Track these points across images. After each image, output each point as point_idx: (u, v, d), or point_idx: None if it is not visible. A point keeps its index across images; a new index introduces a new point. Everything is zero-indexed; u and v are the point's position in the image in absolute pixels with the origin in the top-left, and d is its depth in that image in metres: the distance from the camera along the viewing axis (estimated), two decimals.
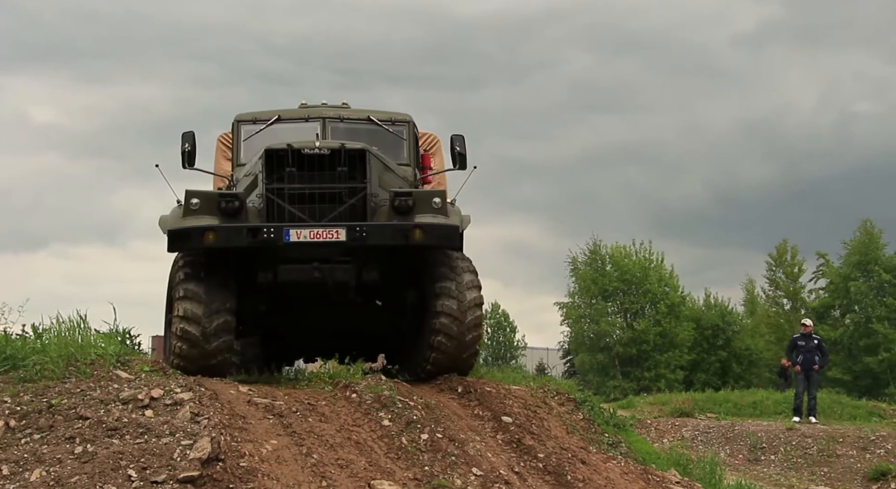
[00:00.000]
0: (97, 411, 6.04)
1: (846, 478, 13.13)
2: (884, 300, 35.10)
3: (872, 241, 37.05)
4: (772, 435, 15.20)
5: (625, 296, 39.01)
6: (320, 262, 7.21)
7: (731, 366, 38.51)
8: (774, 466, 14.02)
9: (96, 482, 5.29)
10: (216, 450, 5.64)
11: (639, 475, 7.32)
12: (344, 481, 5.82)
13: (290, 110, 8.71)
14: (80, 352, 6.94)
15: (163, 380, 6.56)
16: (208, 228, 6.98)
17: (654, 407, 20.48)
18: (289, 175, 7.22)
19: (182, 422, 5.96)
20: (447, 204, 7.50)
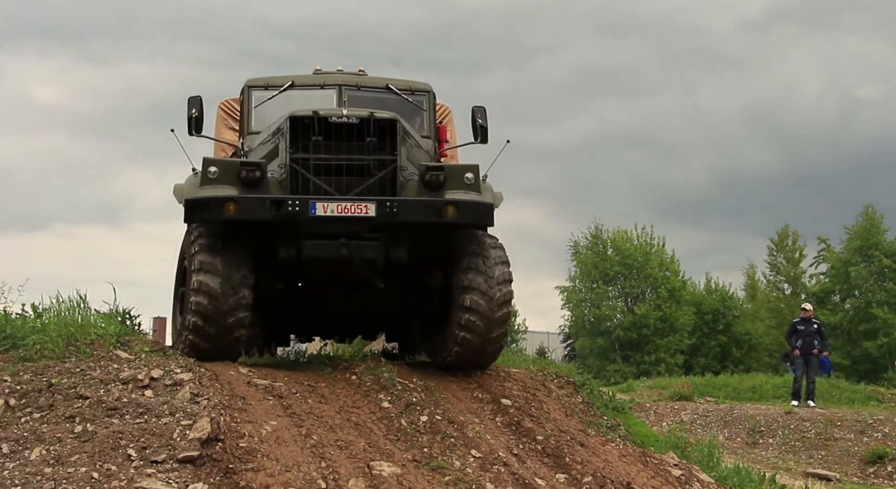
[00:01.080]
0: (97, 391, 6.06)
1: (843, 461, 13.16)
2: (884, 285, 35.14)
3: (874, 226, 37.07)
4: (770, 418, 15.24)
5: (626, 280, 39.09)
6: (348, 238, 6.86)
7: (730, 351, 38.60)
8: (772, 450, 14.07)
9: (96, 461, 5.31)
10: (216, 431, 5.66)
11: (637, 457, 7.32)
12: (343, 462, 5.83)
13: (305, 76, 8.23)
14: (80, 332, 6.94)
15: (163, 361, 6.57)
16: (229, 199, 6.59)
17: (653, 391, 20.53)
18: (314, 144, 6.85)
19: (182, 402, 5.98)
20: (480, 180, 7.16)
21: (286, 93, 7.93)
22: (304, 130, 6.86)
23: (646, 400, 18.47)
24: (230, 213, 6.57)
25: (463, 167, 7.17)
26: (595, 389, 9.76)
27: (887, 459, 12.85)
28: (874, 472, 12.65)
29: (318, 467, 5.65)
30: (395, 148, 6.97)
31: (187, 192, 6.89)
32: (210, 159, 6.93)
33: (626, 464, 7.11)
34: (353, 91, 7.96)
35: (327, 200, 6.69)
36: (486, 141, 8.15)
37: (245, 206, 6.59)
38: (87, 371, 6.34)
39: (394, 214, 6.71)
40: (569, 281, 40.37)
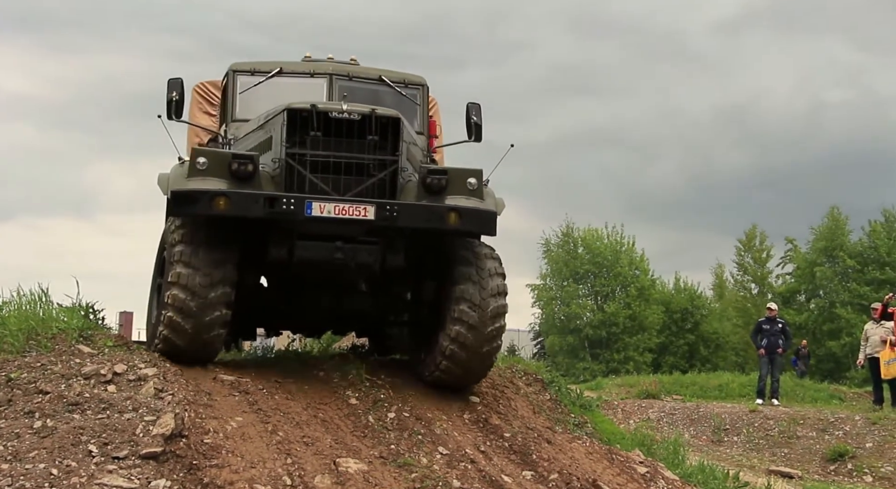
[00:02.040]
0: (58, 386, 5.95)
1: (805, 458, 13.28)
2: (848, 285, 35.68)
3: (838, 227, 37.65)
4: (735, 417, 15.38)
5: (596, 278, 39.36)
6: (343, 241, 6.46)
7: (698, 350, 39.03)
8: (737, 447, 14.18)
9: (55, 457, 5.20)
10: (180, 427, 5.59)
11: (603, 455, 7.35)
12: (309, 458, 5.78)
13: (293, 63, 7.74)
14: (42, 326, 6.83)
15: (126, 356, 6.47)
16: (220, 193, 6.15)
17: (621, 388, 20.69)
18: (312, 140, 6.40)
19: (145, 397, 5.89)
20: (482, 185, 6.78)
21: (273, 80, 7.53)
22: (301, 124, 6.44)
23: (614, 398, 18.59)
24: (220, 208, 6.16)
25: (466, 171, 6.76)
26: (563, 387, 9.79)
27: (847, 457, 12.98)
28: (835, 470, 12.77)
29: (283, 463, 5.61)
30: (397, 148, 6.58)
31: (174, 183, 6.43)
32: (199, 149, 6.56)
33: (593, 462, 7.13)
34: (344, 81, 7.57)
35: (324, 200, 6.28)
36: (480, 139, 7.83)
37: (236, 201, 6.18)
38: (47, 366, 6.22)
39: (393, 219, 6.34)
40: (540, 279, 40.60)
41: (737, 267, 42.40)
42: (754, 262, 41.79)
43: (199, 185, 6.25)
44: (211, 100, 8.61)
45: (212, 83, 8.78)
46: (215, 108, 8.59)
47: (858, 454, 12.98)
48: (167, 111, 7.21)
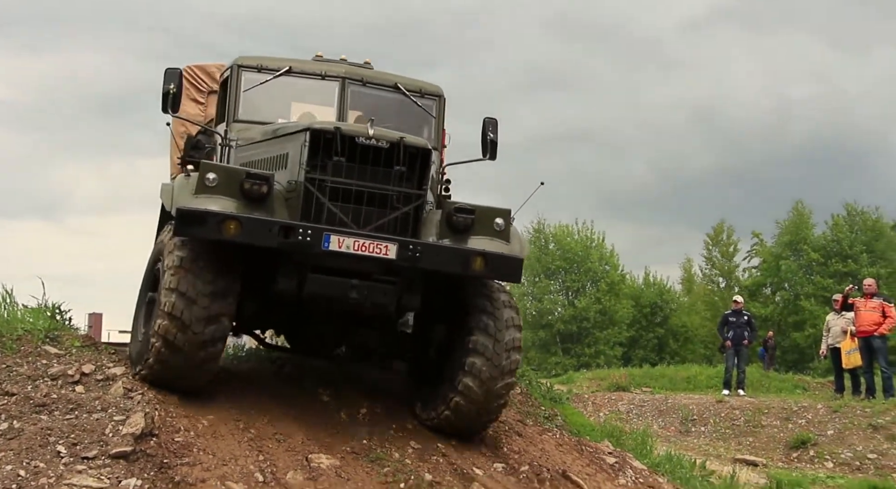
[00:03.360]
0: (24, 387, 5.89)
1: (770, 446, 13.46)
2: (812, 278, 36.15)
3: (803, 221, 38.14)
4: (702, 407, 15.55)
5: (567, 274, 39.58)
6: (359, 278, 5.84)
7: (667, 343, 39.42)
8: (704, 437, 14.34)
9: (23, 458, 5.14)
10: (150, 426, 5.55)
11: (573, 446, 7.41)
12: (281, 455, 5.77)
13: (304, 61, 7.06)
14: (6, 328, 6.74)
15: (94, 356, 6.41)
16: (231, 217, 5.49)
17: (592, 382, 20.82)
18: (334, 165, 5.79)
19: (114, 397, 5.84)
20: (510, 226, 6.25)
21: (281, 79, 6.91)
22: (324, 147, 5.84)
23: (584, 391, 18.72)
24: (230, 233, 5.49)
25: (493, 211, 6.23)
26: (533, 380, 9.85)
27: (810, 444, 13.16)
28: (797, 457, 12.95)
29: (255, 460, 5.59)
30: (424, 181, 6.03)
31: (180, 200, 5.73)
32: (210, 164, 5.88)
33: (563, 453, 7.19)
34: (357, 86, 6.94)
35: (344, 234, 5.68)
36: (494, 157, 7.26)
37: (249, 228, 5.51)
38: (13, 367, 6.15)
39: (416, 259, 5.76)
40: None
41: (705, 261, 42.88)
42: (722, 257, 42.25)
43: (207, 203, 5.62)
44: (199, 85, 8.12)
45: (200, 67, 8.28)
46: (203, 94, 8.18)
47: (820, 441, 13.16)
48: (163, 103, 6.63)
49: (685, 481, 7.62)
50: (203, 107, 8.09)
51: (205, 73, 8.24)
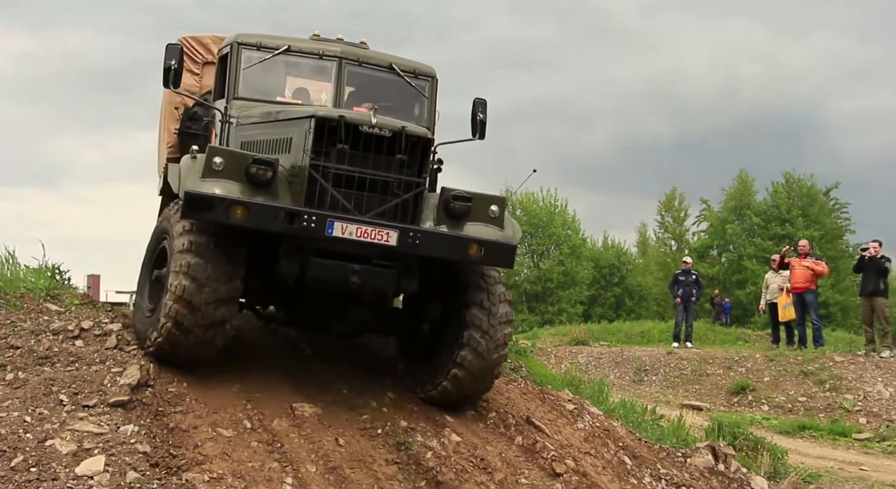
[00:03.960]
0: (28, 341, 5.86)
1: (713, 393, 13.73)
2: (753, 241, 36.61)
3: (746, 188, 38.51)
4: (654, 359, 15.79)
5: (532, 238, 39.67)
6: (360, 262, 5.66)
7: (624, 301, 39.84)
8: (655, 385, 14.59)
9: (28, 406, 5.14)
10: (145, 377, 5.55)
11: (536, 395, 7.50)
12: (268, 404, 5.79)
13: (302, 40, 6.77)
14: (10, 286, 6.68)
15: (92, 313, 6.38)
16: (238, 202, 5.30)
17: (555, 337, 21.05)
18: (338, 153, 5.59)
19: (111, 350, 5.83)
20: (504, 213, 6.10)
21: (279, 57, 6.66)
22: (328, 134, 5.63)
23: (548, 345, 18.93)
24: (237, 217, 5.30)
25: (489, 198, 6.07)
26: None
27: (748, 390, 13.45)
28: (737, 402, 13.24)
29: (243, 409, 5.61)
30: (424, 169, 5.84)
31: (188, 183, 5.49)
32: (217, 148, 5.62)
33: (527, 401, 7.28)
34: (353, 66, 6.71)
35: (346, 221, 5.50)
36: (483, 136, 7.08)
37: (255, 213, 5.33)
38: (17, 322, 6.11)
39: (416, 246, 5.60)
40: None
41: (658, 226, 43.28)
42: (673, 222, 42.62)
43: (214, 187, 5.39)
44: (194, 57, 7.73)
45: (195, 38, 7.92)
46: (199, 65, 7.83)
47: (758, 387, 13.44)
48: (164, 79, 6.35)
49: (637, 425, 7.75)
50: (198, 77, 7.77)
51: (200, 44, 7.88)
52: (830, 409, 12.25)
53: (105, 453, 4.83)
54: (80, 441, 4.89)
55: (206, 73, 7.75)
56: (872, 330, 14.01)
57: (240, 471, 4.98)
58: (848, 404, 12.27)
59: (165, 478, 4.79)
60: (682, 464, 6.74)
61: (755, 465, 7.43)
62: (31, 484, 4.51)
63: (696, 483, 6.40)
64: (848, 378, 12.82)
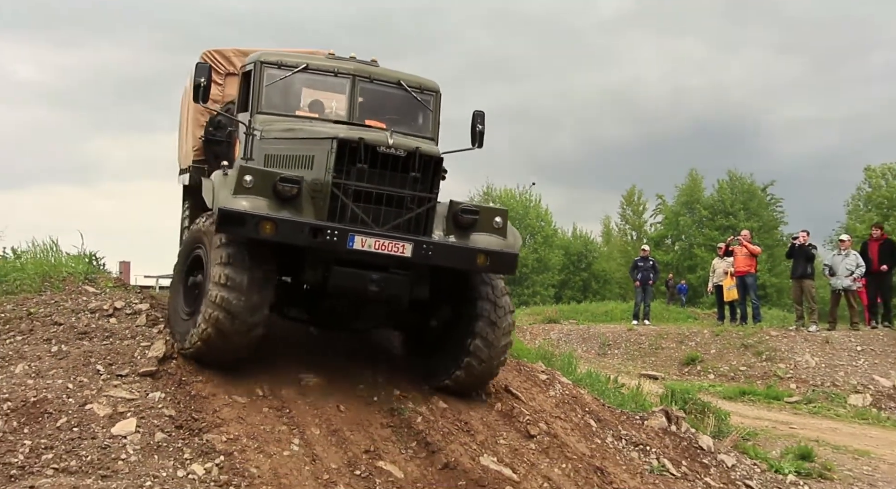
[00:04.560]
0: (69, 318, 5.85)
1: (667, 364, 13.81)
2: (703, 231, 36.72)
3: (696, 185, 38.61)
4: (616, 335, 15.85)
5: None
6: (377, 270, 5.53)
7: (590, 284, 39.92)
8: (617, 358, 14.66)
9: (70, 374, 5.16)
10: (170, 351, 5.55)
11: (513, 367, 7.51)
12: (278, 374, 5.79)
13: (319, 58, 6.64)
14: (54, 271, 6.66)
15: (124, 294, 6.37)
16: (267, 219, 5.17)
17: (530, 316, 21.07)
18: (358, 171, 5.43)
19: (141, 327, 5.82)
20: (507, 224, 5.98)
21: (298, 75, 6.49)
22: (349, 154, 5.45)
23: (523, 323, 18.94)
24: (266, 232, 5.17)
25: (493, 210, 5.99)
26: None
27: (697, 361, 13.53)
28: (688, 371, 13.31)
29: (256, 379, 5.61)
30: (436, 185, 5.67)
31: (221, 200, 5.35)
32: (247, 168, 5.44)
33: (505, 372, 7.26)
34: (365, 83, 6.54)
35: (365, 235, 5.36)
36: (482, 145, 6.92)
37: (283, 228, 5.21)
38: (60, 302, 6.11)
39: (428, 257, 5.48)
40: None
41: (620, 218, 43.34)
42: (633, 214, 42.69)
43: (244, 203, 5.25)
44: (218, 68, 7.55)
45: (218, 51, 7.73)
46: (222, 76, 7.62)
47: (705, 358, 13.51)
48: (194, 95, 6.19)
49: (601, 392, 7.79)
50: (221, 87, 7.61)
51: (223, 57, 7.69)
52: (766, 377, 12.35)
53: (136, 416, 4.85)
54: (115, 405, 4.91)
55: (229, 83, 7.66)
56: (802, 308, 14.14)
57: (253, 432, 5.01)
58: (781, 372, 12.38)
59: (188, 439, 4.81)
60: (639, 425, 6.80)
61: (702, 426, 7.49)
62: (73, 441, 4.54)
63: (651, 442, 6.45)
64: (781, 350, 12.92)
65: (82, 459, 4.42)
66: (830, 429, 9.42)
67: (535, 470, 5.38)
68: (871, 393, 11.43)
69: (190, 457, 4.65)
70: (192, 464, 4.59)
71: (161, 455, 4.61)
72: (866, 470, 7.34)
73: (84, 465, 4.38)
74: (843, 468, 7.22)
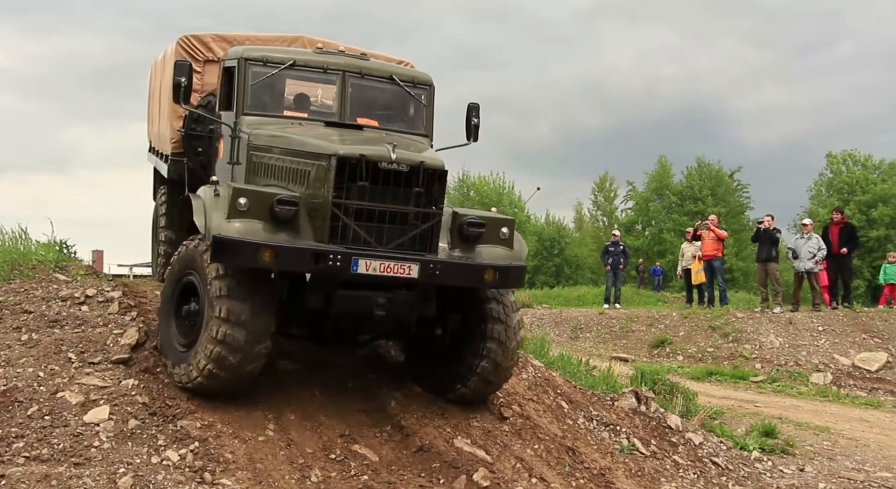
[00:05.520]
0: (39, 306, 5.73)
1: (638, 346, 13.95)
2: (672, 216, 37.08)
3: (665, 172, 38.93)
4: (588, 318, 15.94)
5: None
6: (383, 290, 5.16)
7: (563, 270, 40.13)
8: (588, 341, 14.76)
9: (41, 363, 5.05)
10: (143, 338, 5.47)
11: None
12: None
13: (306, 53, 6.15)
14: (23, 259, 6.49)
15: (96, 282, 6.24)
16: (266, 246, 4.74)
17: None
18: (359, 189, 5.01)
19: (113, 315, 5.72)
20: (513, 234, 5.63)
21: (285, 72, 6.04)
22: (349, 172, 5.02)
23: None
24: (265, 261, 4.74)
25: (499, 221, 5.61)
26: None
27: (667, 343, 13.67)
28: (657, 353, 13.46)
29: None
30: (440, 200, 5.26)
31: (214, 225, 4.86)
32: (241, 189, 4.96)
33: None
34: (356, 78, 6.09)
35: (370, 258, 4.95)
36: (476, 139, 6.59)
37: (283, 255, 4.78)
38: (30, 291, 5.97)
39: (436, 277, 5.13)
40: None
41: (592, 204, 43.58)
42: (605, 200, 42.93)
43: (240, 227, 4.82)
44: (196, 55, 7.06)
45: (196, 37, 7.18)
46: (200, 63, 7.09)
47: (674, 340, 13.64)
48: (174, 95, 5.78)
49: (573, 375, 7.83)
50: (200, 75, 7.07)
51: (200, 43, 7.14)
52: (733, 357, 12.53)
53: (109, 403, 4.78)
54: (87, 393, 4.83)
55: (208, 71, 7.12)
56: (766, 290, 14.37)
57: (228, 418, 4.97)
58: (746, 353, 12.57)
59: (162, 425, 4.75)
60: (610, 406, 6.86)
61: (671, 406, 7.57)
62: (45, 429, 4.46)
63: (622, 422, 6.52)
64: (747, 331, 13.10)
65: (54, 447, 4.34)
66: (793, 407, 9.61)
67: (508, 451, 5.41)
68: (831, 371, 11.68)
69: (164, 443, 4.60)
70: (166, 450, 4.54)
71: (135, 442, 4.54)
72: (826, 445, 7.50)
73: (56, 453, 4.30)
74: (804, 444, 7.37)
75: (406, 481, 4.78)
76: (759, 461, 6.52)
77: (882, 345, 12.30)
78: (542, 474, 5.25)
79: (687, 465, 6.05)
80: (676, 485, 5.60)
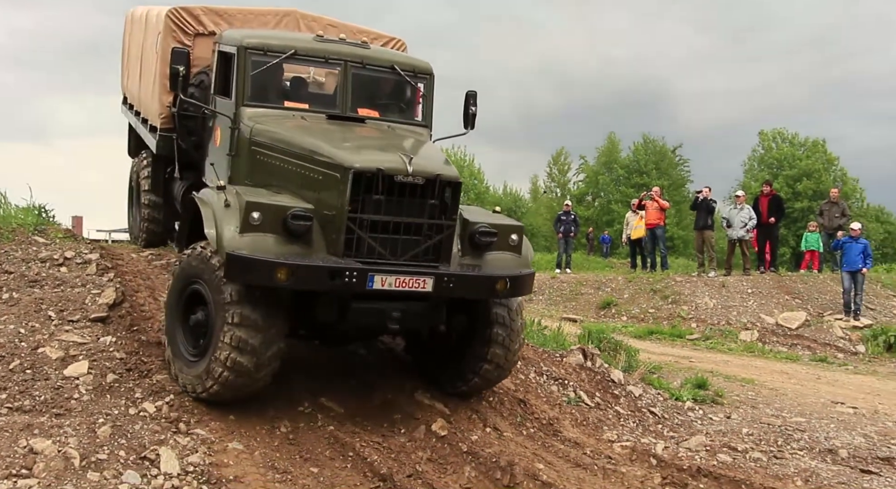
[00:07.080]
0: (19, 267, 5.59)
1: (586, 308, 14.15)
2: (619, 189, 37.54)
3: (614, 147, 39.35)
4: (541, 282, 16.02)
5: None
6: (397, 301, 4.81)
7: None
8: (541, 303, 14.92)
9: (22, 320, 4.95)
10: (120, 298, 5.39)
11: None
12: None
13: (307, 42, 5.72)
14: (2, 222, 6.31)
15: (74, 245, 6.11)
16: (281, 265, 4.40)
17: None
18: (374, 203, 4.68)
19: (91, 275, 5.61)
20: (522, 240, 5.37)
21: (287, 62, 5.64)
22: (365, 185, 4.67)
23: None
24: (281, 280, 4.41)
25: (509, 228, 5.33)
26: None
27: (612, 305, 13.93)
28: (604, 314, 13.70)
29: None
30: (455, 211, 4.96)
31: (226, 241, 4.47)
32: (254, 203, 4.55)
33: None
34: (358, 68, 5.71)
35: (385, 273, 4.64)
36: (473, 127, 6.32)
37: (299, 274, 4.44)
38: (10, 252, 5.81)
39: (450, 290, 4.84)
40: None
41: (547, 176, 43.83)
42: (559, 173, 43.22)
43: (253, 242, 4.45)
44: (185, 28, 6.60)
45: (186, 10, 6.68)
46: (190, 37, 6.63)
47: (619, 302, 13.89)
48: (171, 83, 5.44)
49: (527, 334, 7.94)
50: (190, 48, 6.45)
51: (190, 16, 6.68)
52: (671, 318, 12.84)
53: (88, 359, 4.71)
54: (67, 349, 4.75)
55: (198, 44, 6.64)
56: (703, 256, 14.72)
57: None
58: (683, 313, 12.90)
59: (139, 380, 4.72)
60: (559, 362, 7.00)
61: (615, 362, 7.73)
62: (26, 383, 4.40)
63: (569, 376, 6.67)
64: (685, 293, 13.42)
65: (35, 399, 4.28)
66: (723, 362, 9.93)
67: (465, 403, 5.51)
68: (758, 329, 12.08)
69: (141, 396, 4.57)
70: (143, 402, 4.51)
71: (113, 394, 4.51)
72: (751, 395, 7.79)
73: (38, 404, 4.25)
74: (732, 394, 7.65)
75: (370, 431, 4.84)
76: (692, 410, 6.75)
77: (802, 305, 12.76)
78: (496, 424, 5.36)
79: (627, 415, 6.23)
80: (618, 432, 5.77)
